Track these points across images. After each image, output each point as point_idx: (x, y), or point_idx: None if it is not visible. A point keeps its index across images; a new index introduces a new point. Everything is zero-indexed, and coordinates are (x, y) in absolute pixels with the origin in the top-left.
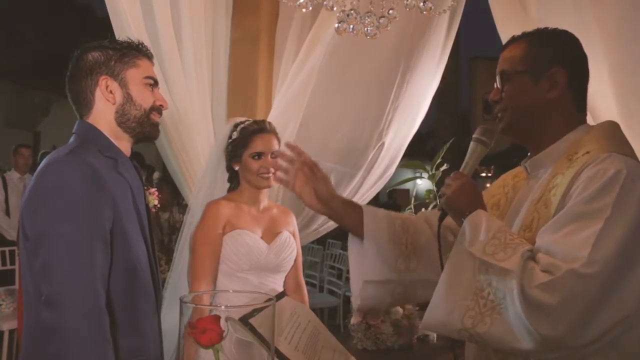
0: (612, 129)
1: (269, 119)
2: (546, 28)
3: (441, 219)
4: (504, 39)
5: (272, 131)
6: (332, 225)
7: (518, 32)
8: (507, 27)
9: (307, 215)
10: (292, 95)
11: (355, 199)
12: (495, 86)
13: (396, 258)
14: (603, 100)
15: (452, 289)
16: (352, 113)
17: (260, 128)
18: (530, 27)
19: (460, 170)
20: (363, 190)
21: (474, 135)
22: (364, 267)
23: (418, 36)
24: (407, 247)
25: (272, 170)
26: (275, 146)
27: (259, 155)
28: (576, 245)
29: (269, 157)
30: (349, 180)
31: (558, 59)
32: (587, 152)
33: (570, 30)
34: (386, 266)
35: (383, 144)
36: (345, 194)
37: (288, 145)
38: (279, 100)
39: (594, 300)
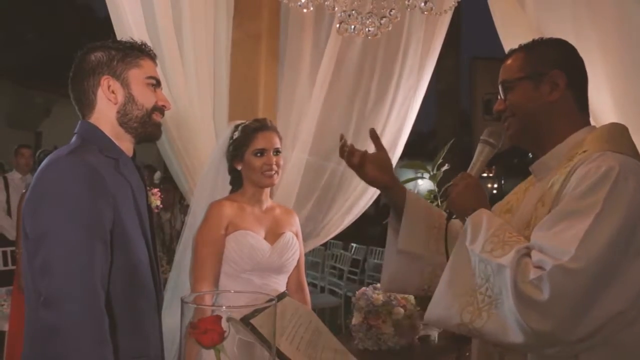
0: (614, 129)
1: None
2: (541, 37)
3: (449, 218)
4: (504, 39)
5: (274, 129)
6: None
7: (517, 32)
8: (507, 27)
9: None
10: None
11: (357, 199)
12: (498, 97)
13: (428, 239)
14: (600, 104)
15: (453, 284)
16: (352, 119)
17: (262, 125)
18: (528, 27)
19: (468, 171)
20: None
21: (481, 137)
22: (400, 239)
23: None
24: (438, 231)
25: (275, 168)
26: (277, 143)
27: (262, 152)
28: (565, 241)
29: (271, 154)
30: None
31: (556, 61)
32: (584, 151)
33: (567, 31)
34: (420, 242)
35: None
36: (348, 194)
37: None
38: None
39: (584, 295)
